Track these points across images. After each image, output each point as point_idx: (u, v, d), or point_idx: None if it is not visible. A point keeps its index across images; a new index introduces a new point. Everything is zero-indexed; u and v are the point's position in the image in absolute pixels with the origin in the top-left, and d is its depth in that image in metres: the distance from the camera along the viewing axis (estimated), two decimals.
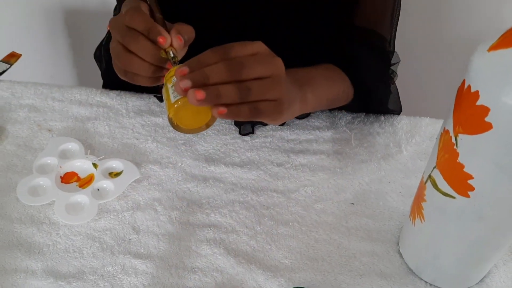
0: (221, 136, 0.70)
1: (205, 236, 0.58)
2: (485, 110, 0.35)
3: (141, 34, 0.50)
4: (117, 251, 0.56)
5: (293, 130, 0.71)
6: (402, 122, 0.72)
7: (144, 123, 0.71)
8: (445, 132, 0.42)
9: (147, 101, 0.74)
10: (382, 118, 0.73)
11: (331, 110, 0.74)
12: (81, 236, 0.57)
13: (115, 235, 0.58)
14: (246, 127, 0.70)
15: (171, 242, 0.57)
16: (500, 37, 0.36)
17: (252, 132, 0.69)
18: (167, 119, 0.69)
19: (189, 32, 0.54)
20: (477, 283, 0.54)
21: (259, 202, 0.62)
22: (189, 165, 0.66)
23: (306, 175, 0.65)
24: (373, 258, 0.57)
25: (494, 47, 0.35)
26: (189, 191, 0.63)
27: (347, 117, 0.73)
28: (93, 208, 0.59)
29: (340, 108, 0.73)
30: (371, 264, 0.56)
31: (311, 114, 0.73)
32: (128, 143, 0.68)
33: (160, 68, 0.52)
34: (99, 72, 0.81)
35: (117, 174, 0.63)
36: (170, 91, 0.48)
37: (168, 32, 0.52)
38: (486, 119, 0.36)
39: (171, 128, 0.68)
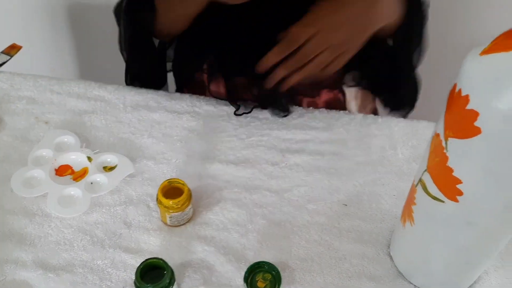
0: (218, 134, 0.70)
1: (196, 233, 0.58)
2: (475, 114, 0.35)
3: None
4: (108, 245, 0.56)
5: (289, 130, 0.71)
6: (399, 125, 0.72)
7: (141, 118, 0.71)
8: (436, 135, 0.42)
9: (145, 96, 0.74)
10: (380, 120, 0.72)
11: (328, 110, 0.73)
12: (73, 229, 0.57)
13: (106, 229, 0.58)
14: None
15: (162, 238, 0.57)
16: (492, 42, 0.35)
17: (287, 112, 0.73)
18: (164, 115, 0.70)
19: None
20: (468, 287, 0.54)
21: (252, 200, 0.62)
22: (184, 162, 0.66)
23: (300, 175, 0.65)
24: (363, 260, 0.56)
25: (486, 52, 0.35)
26: None
27: (344, 118, 0.73)
28: (86, 201, 0.59)
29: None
30: (361, 266, 0.56)
31: (308, 114, 0.73)
32: (124, 138, 0.68)
33: None
34: (100, 66, 0.81)
35: (111, 168, 0.63)
36: None
37: None
38: (475, 123, 0.35)
39: (168, 124, 0.69)
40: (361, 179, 0.65)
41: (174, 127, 0.70)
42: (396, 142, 0.69)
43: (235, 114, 0.72)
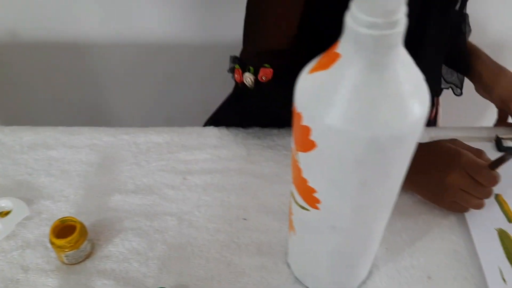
0: (118, 164, 0.70)
1: (95, 268, 0.58)
2: (308, 129, 0.37)
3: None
4: None
5: (189, 151, 0.72)
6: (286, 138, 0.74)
7: (38, 157, 0.70)
8: (292, 149, 0.44)
9: (42, 135, 0.73)
10: (275, 131, 0.75)
11: (228, 127, 0.75)
12: None
13: (3, 277, 0.57)
14: None
15: (60, 278, 0.57)
16: (319, 59, 0.38)
17: None
18: (62, 151, 0.69)
19: None
20: (360, 285, 0.57)
21: (153, 227, 0.62)
22: (83, 197, 0.66)
23: (200, 195, 0.66)
24: (262, 272, 0.58)
25: (313, 70, 0.38)
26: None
27: (242, 133, 0.74)
28: None
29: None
30: (260, 278, 0.57)
31: (207, 132, 0.74)
32: (20, 180, 0.67)
33: None
34: None
35: (7, 213, 0.62)
36: None
37: None
38: (310, 138, 0.38)
39: (66, 160, 0.69)
40: (259, 192, 0.67)
41: (73, 163, 0.70)
42: None
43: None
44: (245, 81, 0.66)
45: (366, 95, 0.34)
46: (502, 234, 0.61)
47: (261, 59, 0.65)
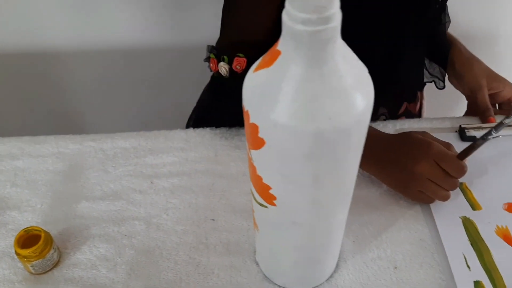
0: (84, 171, 0.70)
1: (63, 276, 0.58)
2: (256, 127, 0.38)
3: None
4: None
5: (156, 155, 0.72)
6: None
7: (4, 168, 0.70)
8: (247, 147, 0.44)
9: (7, 145, 0.73)
10: (243, 131, 0.75)
11: (195, 128, 0.76)
12: None
13: None
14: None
15: (28, 287, 0.56)
16: (263, 57, 0.38)
17: None
18: (28, 161, 0.69)
19: None
20: (327, 279, 0.57)
21: (120, 232, 0.62)
22: (50, 206, 0.65)
23: (168, 198, 0.66)
24: (231, 271, 0.58)
25: (257, 68, 0.38)
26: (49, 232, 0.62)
27: (210, 135, 0.75)
28: None
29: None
30: (229, 277, 0.58)
31: (174, 136, 0.74)
32: None
33: None
34: None
35: None
36: None
37: None
38: (259, 135, 0.38)
39: (32, 170, 0.68)
40: (227, 192, 0.67)
41: (39, 172, 0.69)
42: None
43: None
44: (220, 71, 0.66)
45: (308, 90, 0.34)
46: (466, 221, 0.62)
47: (236, 49, 0.65)
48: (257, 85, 0.37)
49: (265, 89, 0.36)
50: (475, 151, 0.60)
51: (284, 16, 0.33)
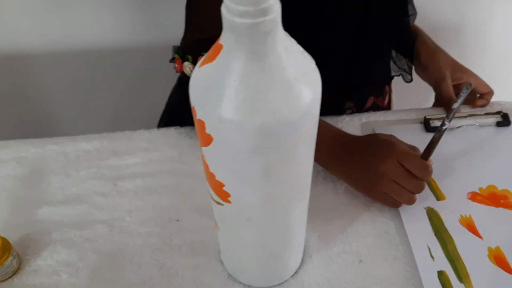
0: (46, 175, 0.68)
1: (23, 284, 0.56)
2: (203, 123, 0.37)
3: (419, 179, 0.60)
4: None
5: (120, 156, 0.71)
6: None
7: None
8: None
9: None
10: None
11: (159, 127, 0.75)
12: None
13: None
14: None
15: None
16: (208, 52, 0.38)
17: None
18: None
19: None
20: (292, 275, 0.57)
21: (83, 236, 0.61)
22: (10, 212, 0.64)
23: (131, 199, 0.65)
24: (196, 271, 0.57)
25: (202, 63, 0.37)
26: (9, 239, 0.60)
27: (174, 134, 0.74)
28: None
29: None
30: (193, 277, 0.57)
31: (138, 136, 0.73)
32: None
33: None
34: None
35: None
36: None
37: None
38: (207, 131, 0.37)
39: None
40: (192, 192, 0.66)
41: None
42: None
43: None
44: (184, 71, 0.65)
45: (250, 84, 0.34)
46: (430, 212, 0.63)
47: (200, 48, 0.64)
48: (202, 81, 0.36)
49: (209, 84, 0.35)
50: (438, 146, 0.60)
51: (223, 9, 0.32)
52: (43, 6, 1.00)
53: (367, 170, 0.61)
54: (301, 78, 0.35)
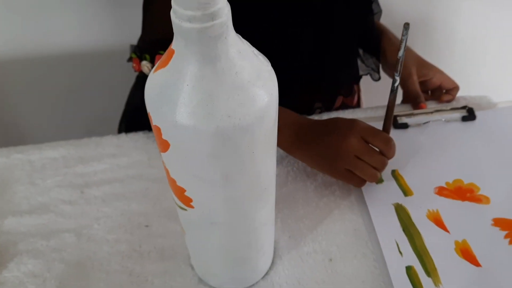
0: (11, 185, 0.67)
1: None
2: (159, 129, 0.37)
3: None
4: None
5: (88, 163, 0.70)
6: None
7: None
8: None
9: None
10: None
11: (128, 131, 0.74)
12: None
13: None
14: None
15: None
16: (161, 57, 0.37)
17: None
18: None
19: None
20: (263, 277, 0.57)
21: (49, 246, 0.60)
22: None
23: (99, 207, 0.64)
24: (166, 277, 0.57)
25: (156, 68, 0.37)
26: None
27: (143, 139, 0.73)
28: None
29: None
30: (163, 283, 0.56)
31: (105, 142, 0.72)
32: None
33: None
34: None
35: None
36: None
37: None
38: (163, 137, 0.37)
39: None
40: (162, 196, 0.65)
41: None
42: None
43: None
44: (143, 70, 0.65)
45: (203, 89, 0.33)
46: (398, 208, 0.63)
47: (157, 47, 0.64)
48: (156, 86, 0.36)
49: (163, 90, 0.35)
50: (405, 142, 0.60)
51: (172, 14, 0.32)
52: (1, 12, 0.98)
53: (330, 147, 0.61)
54: (255, 81, 0.35)
